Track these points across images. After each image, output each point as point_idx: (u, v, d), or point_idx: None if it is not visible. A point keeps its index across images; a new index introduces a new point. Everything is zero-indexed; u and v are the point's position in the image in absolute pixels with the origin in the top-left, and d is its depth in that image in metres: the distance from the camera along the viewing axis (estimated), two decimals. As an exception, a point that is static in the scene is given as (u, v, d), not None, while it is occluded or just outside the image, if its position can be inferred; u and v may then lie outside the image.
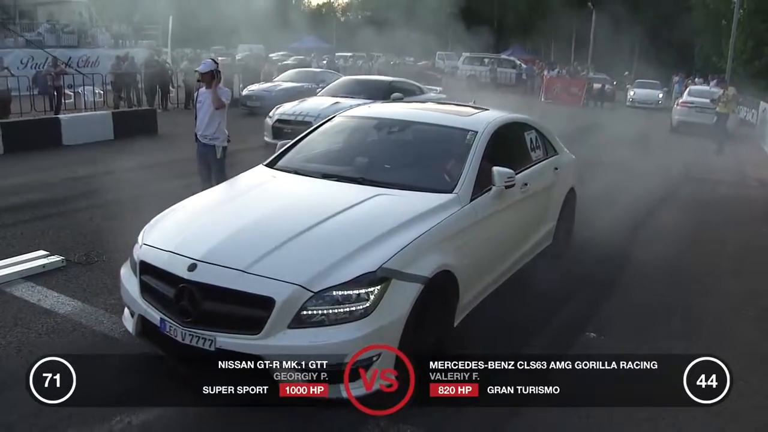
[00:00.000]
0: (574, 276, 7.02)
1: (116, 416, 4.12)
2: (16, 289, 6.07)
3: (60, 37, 26.94)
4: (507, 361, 4.57)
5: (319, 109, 13.17)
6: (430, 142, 5.97)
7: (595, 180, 10.94)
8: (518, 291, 6.24)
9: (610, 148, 15.19)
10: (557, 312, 6.06)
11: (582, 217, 8.49)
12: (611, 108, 31.90)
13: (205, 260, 4.26)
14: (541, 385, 4.32)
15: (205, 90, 8.41)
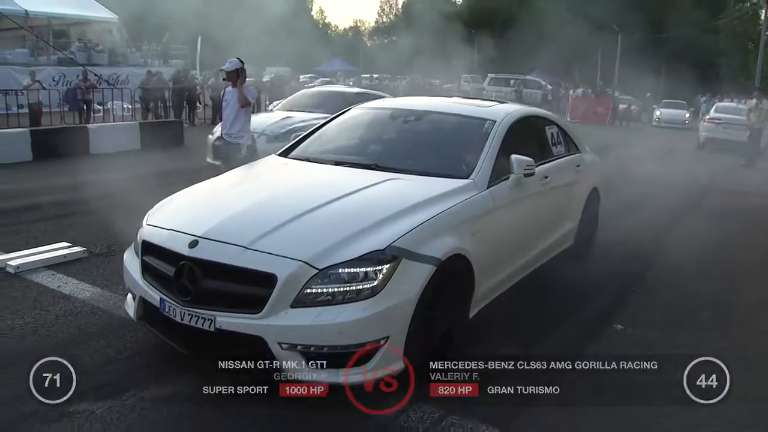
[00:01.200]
0: (599, 274, 6.96)
1: (129, 390, 4.11)
2: (37, 275, 6.15)
3: (91, 56, 27.33)
4: (507, 361, 4.55)
5: (264, 125, 11.39)
6: (447, 130, 5.89)
7: (622, 190, 11.00)
8: (541, 287, 6.23)
9: (637, 162, 15.23)
10: (583, 305, 6.01)
11: (608, 223, 8.48)
12: (637, 128, 31.79)
13: (206, 237, 4.14)
14: (542, 385, 4.28)
15: (232, 89, 8.53)
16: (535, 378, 4.46)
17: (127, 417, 3.82)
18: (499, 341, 5.09)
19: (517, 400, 4.17)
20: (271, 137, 10.85)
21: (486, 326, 5.19)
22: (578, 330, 5.43)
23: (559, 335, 5.29)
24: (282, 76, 37.37)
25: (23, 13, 23.96)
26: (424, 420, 3.92)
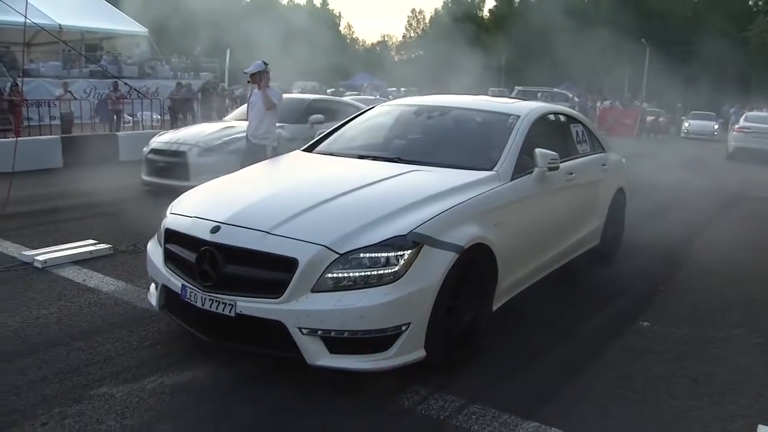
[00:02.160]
0: (626, 274, 6.91)
1: (149, 376, 4.13)
2: (63, 270, 6.23)
3: (122, 69, 27.73)
4: (531, 352, 4.67)
5: (198, 137, 10.52)
6: (471, 125, 5.89)
7: (650, 197, 10.99)
8: (567, 284, 6.23)
9: (665, 170, 15.18)
10: (609, 303, 5.96)
11: (635, 226, 8.48)
12: (665, 139, 31.57)
13: (228, 222, 4.15)
14: (564, 376, 4.37)
15: (257, 91, 8.60)
16: (558, 370, 4.47)
17: (146, 401, 3.82)
18: (523, 334, 5.06)
19: (541, 390, 4.16)
20: (203, 150, 10.14)
21: (510, 319, 5.19)
22: (604, 326, 5.36)
23: (584, 330, 5.23)
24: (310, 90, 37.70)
25: (57, 27, 24.29)
26: (445, 408, 3.87)
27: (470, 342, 4.50)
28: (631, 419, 3.87)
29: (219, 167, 9.06)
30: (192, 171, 9.88)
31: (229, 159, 9.63)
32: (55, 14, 24.91)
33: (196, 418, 3.68)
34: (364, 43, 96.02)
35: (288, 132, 10.95)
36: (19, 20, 8.28)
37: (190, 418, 3.68)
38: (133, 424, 3.57)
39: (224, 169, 9.08)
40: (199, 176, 9.05)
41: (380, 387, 4.07)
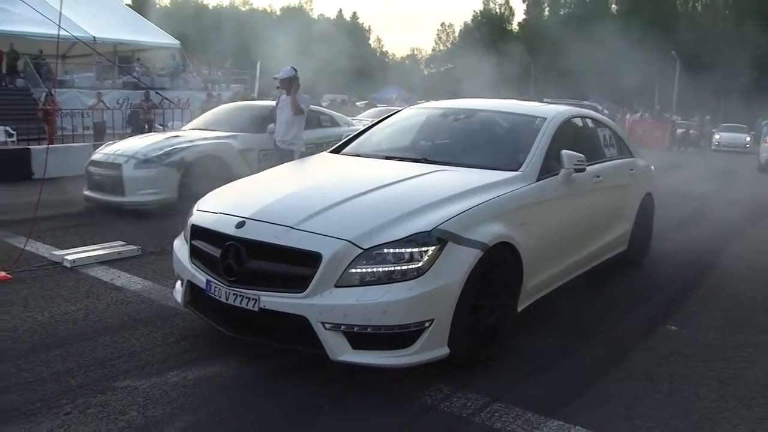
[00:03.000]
0: (654, 279, 6.84)
1: (173, 371, 4.15)
2: (91, 269, 6.32)
3: (154, 80, 28.13)
4: (556, 353, 4.60)
5: (137, 147, 9.51)
6: (497, 127, 5.89)
7: (681, 206, 10.90)
8: (594, 287, 6.16)
9: (696, 182, 15.03)
10: (637, 306, 5.89)
11: (665, 234, 8.40)
12: (696, 152, 31.25)
13: (253, 218, 4.19)
14: (590, 377, 4.35)
15: (285, 97, 8.68)
16: (583, 371, 4.43)
17: (169, 393, 3.84)
18: (548, 335, 5.02)
19: (565, 390, 4.12)
20: (140, 161, 9.11)
21: (535, 321, 5.15)
22: (630, 329, 5.29)
23: (610, 333, 5.17)
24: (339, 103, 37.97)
25: (91, 39, 24.71)
26: (468, 406, 3.84)
27: (495, 342, 4.47)
28: (657, 419, 3.81)
29: (157, 181, 9.00)
30: (127, 185, 9.03)
31: (168, 172, 9.10)
32: (90, 27, 25.32)
33: (217, 410, 3.69)
34: (393, 57, 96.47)
35: (240, 142, 9.99)
36: (55, 32, 8.42)
37: (211, 410, 3.69)
38: (155, 416, 3.59)
39: (163, 183, 8.92)
40: (135, 192, 8.99)
41: (403, 384, 4.05)
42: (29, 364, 4.17)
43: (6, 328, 4.80)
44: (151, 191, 9.01)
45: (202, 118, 11.68)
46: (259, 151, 10.07)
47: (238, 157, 9.77)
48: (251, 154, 9.98)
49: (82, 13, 25.05)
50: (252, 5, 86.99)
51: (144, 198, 9.03)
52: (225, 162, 9.54)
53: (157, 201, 9.05)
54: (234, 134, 10.10)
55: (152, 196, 9.03)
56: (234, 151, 9.79)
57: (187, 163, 9.23)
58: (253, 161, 9.89)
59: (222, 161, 9.54)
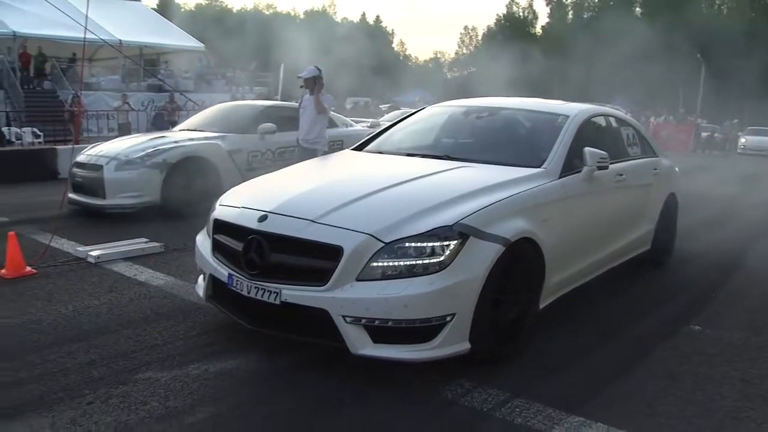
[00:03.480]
0: (678, 280, 6.80)
1: (194, 363, 4.18)
2: (115, 265, 6.40)
3: (178, 82, 28.38)
4: (577, 351, 4.57)
5: (119, 148, 9.21)
6: (519, 124, 5.88)
7: (706, 208, 10.82)
8: (616, 287, 6.15)
9: (721, 184, 14.91)
10: (659, 306, 5.85)
11: (688, 236, 8.32)
12: (721, 155, 30.94)
13: (276, 212, 4.20)
14: (612, 375, 4.31)
15: (309, 96, 8.71)
16: (605, 368, 4.40)
17: (190, 386, 3.86)
18: (570, 333, 4.99)
19: (586, 387, 4.09)
20: (121, 163, 8.82)
21: (557, 319, 5.12)
22: (653, 328, 5.24)
23: (632, 331, 5.12)
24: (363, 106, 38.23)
25: (117, 42, 24.99)
26: (489, 401, 3.83)
27: (516, 338, 4.45)
28: (679, 417, 3.77)
29: (138, 184, 8.66)
30: (108, 187, 8.74)
31: (151, 174, 8.79)
32: (116, 30, 25.60)
33: (237, 403, 3.70)
34: (416, 60, 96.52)
35: (228, 143, 9.74)
36: (81, 36, 8.52)
37: (232, 402, 3.70)
38: (176, 406, 3.61)
39: (145, 186, 8.60)
40: (115, 194, 8.67)
41: (423, 379, 4.04)
42: (53, 356, 4.22)
43: (31, 320, 4.86)
44: (132, 194, 8.70)
45: (195, 119, 11.40)
46: (248, 152, 9.88)
47: (225, 158, 9.50)
48: (240, 155, 9.75)
49: (108, 17, 25.35)
50: (275, 8, 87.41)
51: (125, 201, 8.73)
52: (211, 163, 9.28)
53: (138, 204, 8.75)
54: (222, 135, 9.84)
55: (133, 199, 8.71)
56: (221, 152, 9.52)
57: (170, 164, 8.91)
58: (242, 162, 9.71)
59: (208, 162, 9.27)
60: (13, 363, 4.11)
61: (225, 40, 34.91)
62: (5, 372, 3.98)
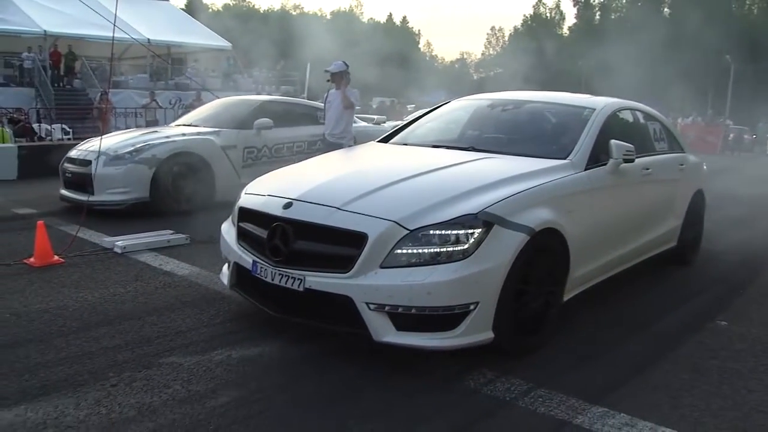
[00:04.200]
0: (704, 276, 6.73)
1: (218, 349, 4.20)
2: (141, 255, 6.48)
3: (205, 81, 28.61)
4: (602, 343, 4.57)
5: (110, 143, 8.93)
6: (545, 117, 5.85)
7: (734, 207, 10.68)
8: (642, 282, 6.12)
9: (750, 185, 14.73)
10: (685, 302, 5.79)
11: (715, 235, 8.25)
12: (749, 157, 30.56)
13: (301, 199, 4.23)
14: (635, 367, 4.27)
15: (335, 91, 8.73)
16: (630, 361, 4.36)
17: (213, 370, 3.89)
18: (594, 326, 4.97)
19: (610, 379, 4.06)
20: (110, 158, 8.57)
21: (581, 312, 5.10)
22: (679, 323, 5.19)
23: (658, 326, 5.08)
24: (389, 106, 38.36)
25: (146, 41, 25.27)
26: (512, 390, 3.81)
27: (540, 330, 4.42)
28: (705, 409, 3.72)
29: (126, 180, 8.38)
30: (96, 183, 8.49)
31: (139, 169, 8.53)
32: (145, 29, 25.86)
33: (260, 388, 3.72)
34: (443, 60, 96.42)
35: (222, 138, 9.49)
36: (111, 35, 8.59)
37: (254, 387, 3.72)
38: (198, 390, 3.64)
39: (133, 182, 8.45)
40: (104, 190, 8.41)
41: (446, 368, 4.04)
42: (78, 340, 4.28)
43: (58, 306, 4.93)
44: (120, 190, 8.45)
45: (192, 114, 11.12)
46: (243, 148, 9.66)
47: (219, 154, 9.27)
48: (235, 151, 9.53)
49: (137, 16, 25.64)
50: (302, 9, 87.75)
51: (113, 197, 8.44)
52: (203, 159, 9.06)
53: (126, 200, 8.48)
54: (217, 130, 9.59)
55: (121, 195, 8.42)
56: (214, 148, 9.26)
57: (159, 160, 8.65)
58: (236, 158, 9.53)
59: (199, 158, 9.04)
60: (40, 346, 4.17)
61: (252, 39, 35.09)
62: (33, 354, 4.04)
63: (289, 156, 9.81)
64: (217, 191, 9.11)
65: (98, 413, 3.35)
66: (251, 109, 10.24)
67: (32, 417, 3.29)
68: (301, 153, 10.02)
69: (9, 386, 3.62)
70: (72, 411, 3.36)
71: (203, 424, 3.29)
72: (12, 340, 4.28)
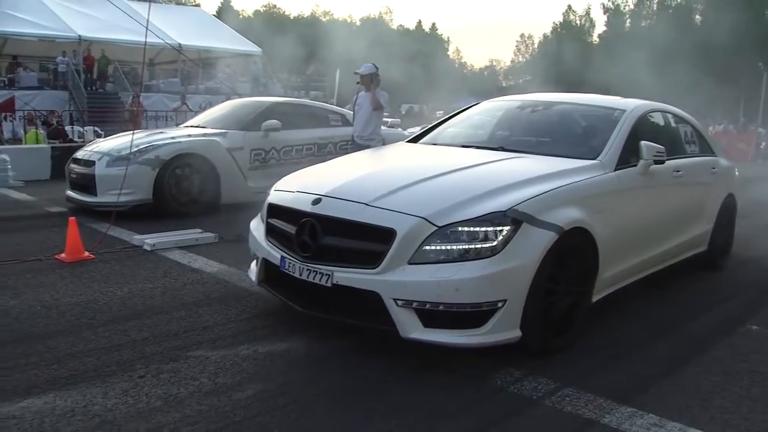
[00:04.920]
0: (735, 281, 6.63)
1: (245, 344, 4.22)
2: (170, 253, 6.55)
3: (235, 86, 28.85)
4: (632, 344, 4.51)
5: (115, 143, 9.02)
6: (575, 118, 5.83)
7: (765, 214, 10.38)
8: (672, 285, 6.07)
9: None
10: (716, 306, 5.72)
11: (749, 239, 8.13)
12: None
13: (330, 195, 4.24)
14: (664, 369, 4.21)
15: (365, 93, 8.76)
16: (659, 363, 4.31)
17: (239, 364, 3.91)
18: (623, 328, 4.92)
19: (639, 380, 4.02)
20: (113, 159, 8.48)
21: (610, 314, 5.06)
22: (709, 326, 5.12)
23: (687, 329, 5.01)
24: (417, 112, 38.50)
25: (177, 46, 25.59)
26: (539, 389, 3.78)
27: (568, 331, 4.38)
28: (735, 412, 3.67)
29: (130, 180, 8.05)
30: (98, 184, 8.41)
31: (141, 170, 8.33)
32: (177, 34, 26.15)
33: (286, 382, 3.73)
34: (472, 68, 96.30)
35: (229, 140, 9.28)
36: (143, 40, 8.67)
37: (280, 381, 3.73)
38: (224, 383, 3.66)
39: (135, 183, 8.18)
40: (106, 191, 8.27)
41: (473, 366, 4.02)
42: (107, 333, 4.33)
43: (88, 300, 5.00)
44: (122, 191, 8.12)
45: (202, 116, 10.92)
46: (251, 150, 9.43)
47: (225, 156, 9.06)
48: (242, 153, 9.31)
49: (169, 22, 25.96)
50: (332, 15, 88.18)
51: (115, 198, 8.15)
52: (208, 160, 8.84)
53: (129, 202, 8.24)
54: (224, 132, 9.39)
55: (123, 196, 8.12)
56: (220, 150, 9.05)
57: (162, 161, 8.45)
58: (243, 161, 9.32)
59: (204, 159, 8.82)
60: (69, 338, 4.23)
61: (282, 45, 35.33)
62: (62, 345, 4.09)
63: (298, 159, 9.66)
64: (223, 194, 8.98)
65: (125, 403, 3.38)
66: (259, 111, 9.99)
67: (61, 405, 3.34)
68: (311, 156, 9.88)
69: (39, 375, 3.67)
70: (100, 400, 3.40)
71: (229, 415, 3.30)
72: (42, 331, 4.35)
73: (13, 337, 4.25)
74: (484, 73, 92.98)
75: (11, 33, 24.73)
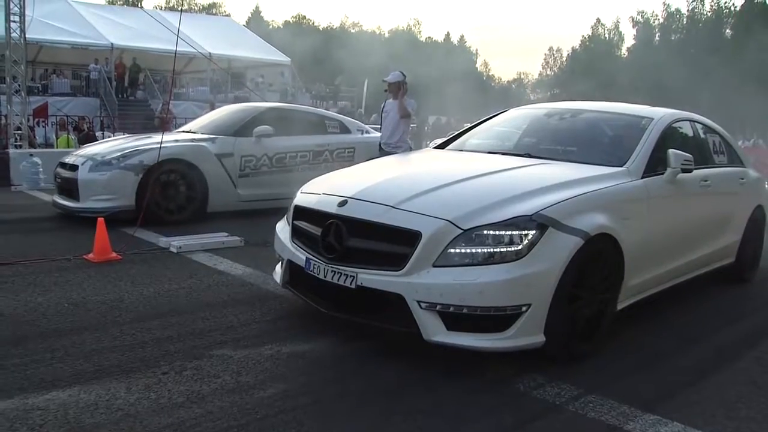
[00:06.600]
0: (763, 293, 6.61)
1: (268, 344, 4.24)
2: (196, 255, 6.62)
3: (264, 95, 29.09)
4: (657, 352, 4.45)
5: (100, 148, 8.84)
6: (602, 126, 5.80)
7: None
8: (699, 297, 6.02)
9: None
10: (742, 318, 5.67)
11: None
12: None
13: (356, 197, 4.26)
14: (691, 378, 4.14)
15: (392, 101, 8.79)
16: (685, 372, 4.27)
17: (262, 364, 3.93)
18: (649, 337, 4.87)
19: (664, 388, 3.97)
20: (97, 164, 8.25)
21: (636, 323, 5.03)
22: (736, 337, 5.06)
23: (714, 340, 4.95)
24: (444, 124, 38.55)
25: (208, 55, 25.88)
26: (562, 395, 3.75)
27: (593, 338, 4.35)
28: (763, 422, 3.61)
29: (110, 186, 7.99)
30: (81, 189, 8.17)
31: (124, 176, 8.08)
32: (207, 43, 26.42)
33: (308, 382, 3.74)
34: (499, 80, 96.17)
35: (218, 146, 8.98)
36: (174, 48, 8.73)
37: (302, 381, 3.74)
38: (247, 381, 3.67)
39: (118, 188, 7.98)
40: (88, 197, 8.08)
41: (496, 371, 4.00)
42: (132, 330, 4.38)
43: (114, 299, 5.07)
44: (104, 197, 8.03)
45: (195, 122, 10.65)
46: (241, 156, 9.10)
47: (213, 162, 8.77)
48: (231, 159, 9.00)
49: (199, 31, 26.24)
50: (361, 26, 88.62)
51: (97, 204, 8.00)
52: (195, 166, 8.54)
53: (110, 208, 7.95)
54: (213, 137, 9.09)
55: (106, 202, 7.98)
56: (208, 156, 8.76)
57: (146, 166, 8.14)
58: (233, 167, 9.01)
59: (191, 165, 8.53)
60: (95, 334, 4.28)
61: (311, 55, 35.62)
62: (88, 341, 4.15)
63: (292, 166, 9.51)
64: (211, 201, 8.72)
65: (148, 398, 3.41)
66: (251, 116, 9.67)
67: (84, 398, 3.37)
68: (305, 164, 9.63)
69: (64, 369, 3.72)
70: (123, 395, 3.43)
71: (250, 412, 3.31)
72: (69, 327, 4.41)
73: (40, 332, 4.31)
74: (511, 86, 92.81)
75: (46, 41, 25.16)
